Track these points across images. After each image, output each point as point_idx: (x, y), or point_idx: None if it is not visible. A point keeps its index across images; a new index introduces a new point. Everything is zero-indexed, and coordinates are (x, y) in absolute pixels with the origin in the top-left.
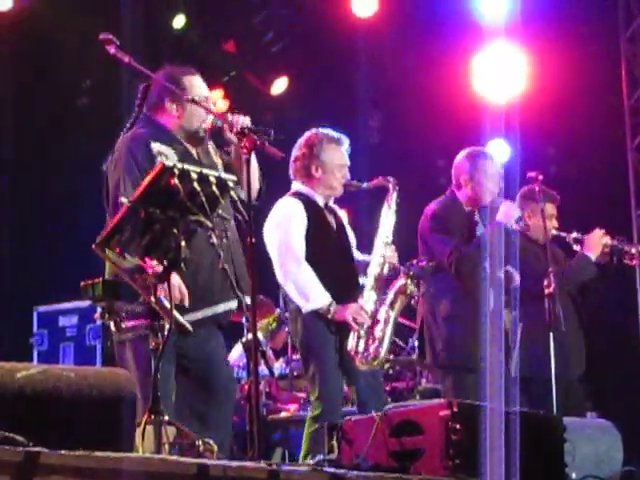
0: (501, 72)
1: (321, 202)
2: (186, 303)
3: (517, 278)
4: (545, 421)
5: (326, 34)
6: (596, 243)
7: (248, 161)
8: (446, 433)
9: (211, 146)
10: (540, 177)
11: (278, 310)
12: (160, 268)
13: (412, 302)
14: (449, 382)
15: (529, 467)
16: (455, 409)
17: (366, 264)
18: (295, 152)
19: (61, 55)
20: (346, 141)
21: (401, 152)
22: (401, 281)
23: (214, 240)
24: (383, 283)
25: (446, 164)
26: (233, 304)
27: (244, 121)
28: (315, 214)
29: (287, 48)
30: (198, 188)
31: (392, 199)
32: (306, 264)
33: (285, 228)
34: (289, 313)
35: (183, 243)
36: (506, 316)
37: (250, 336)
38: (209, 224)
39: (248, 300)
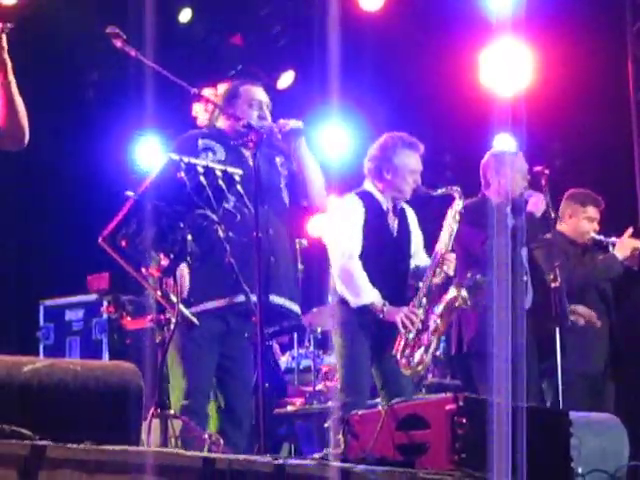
0: (508, 66)
1: (385, 205)
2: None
3: None
4: (551, 415)
5: (333, 28)
6: (626, 245)
7: (255, 155)
8: (452, 427)
9: (279, 158)
10: (546, 171)
11: None
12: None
13: None
14: (479, 369)
15: (535, 462)
16: (461, 403)
17: (425, 270)
18: (370, 152)
19: (68, 48)
20: (421, 147)
21: None
22: (452, 293)
23: (220, 234)
24: (437, 292)
25: (452, 158)
26: (240, 297)
27: (295, 124)
28: (375, 216)
29: (294, 42)
30: (204, 182)
31: (456, 208)
32: (357, 261)
33: (338, 224)
34: (330, 307)
35: (189, 237)
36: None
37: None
38: (215, 218)
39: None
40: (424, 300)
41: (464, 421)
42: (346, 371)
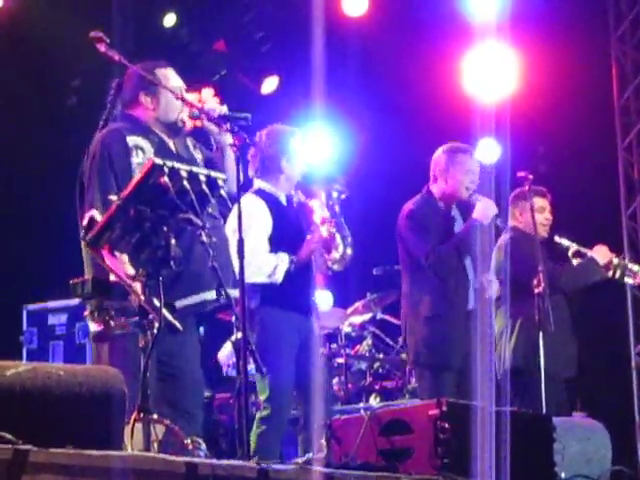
0: (491, 72)
1: (283, 198)
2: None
3: (494, 288)
4: (534, 420)
5: (316, 33)
6: (603, 252)
7: (238, 158)
8: (435, 432)
9: (190, 140)
10: (530, 176)
11: None
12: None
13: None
14: (427, 381)
15: (518, 466)
16: (444, 408)
17: None
18: (252, 151)
19: (51, 54)
20: (301, 132)
21: (391, 150)
22: (323, 196)
23: (204, 238)
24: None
25: None
26: (210, 294)
27: (221, 110)
28: (278, 211)
29: (277, 47)
30: (188, 186)
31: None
32: (262, 253)
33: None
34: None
35: (173, 241)
36: (499, 315)
37: (239, 335)
38: (199, 222)
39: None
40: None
41: (447, 426)
42: (271, 380)
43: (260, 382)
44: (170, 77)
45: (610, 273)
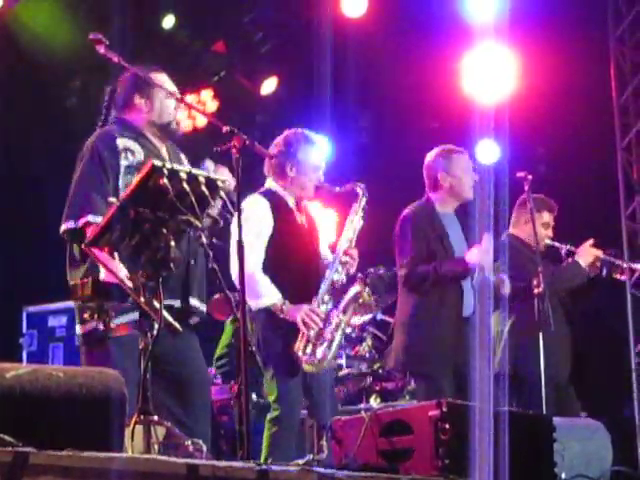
0: (490, 72)
1: (291, 201)
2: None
3: (507, 286)
4: (535, 421)
5: (316, 34)
6: (588, 252)
7: (238, 160)
8: (435, 433)
9: (183, 155)
10: (529, 177)
11: None
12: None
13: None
14: (415, 385)
15: (519, 467)
16: (444, 409)
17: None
18: (272, 149)
19: (50, 55)
20: (324, 143)
21: (390, 152)
22: (356, 288)
23: (204, 240)
24: (339, 288)
25: None
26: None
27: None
28: (283, 214)
29: (277, 48)
30: (187, 188)
31: (360, 205)
32: (256, 265)
33: (245, 227)
34: (249, 313)
35: (172, 243)
36: (495, 318)
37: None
38: (199, 224)
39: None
40: (326, 297)
41: (447, 427)
42: (279, 381)
43: (268, 383)
44: (165, 82)
45: (598, 271)
